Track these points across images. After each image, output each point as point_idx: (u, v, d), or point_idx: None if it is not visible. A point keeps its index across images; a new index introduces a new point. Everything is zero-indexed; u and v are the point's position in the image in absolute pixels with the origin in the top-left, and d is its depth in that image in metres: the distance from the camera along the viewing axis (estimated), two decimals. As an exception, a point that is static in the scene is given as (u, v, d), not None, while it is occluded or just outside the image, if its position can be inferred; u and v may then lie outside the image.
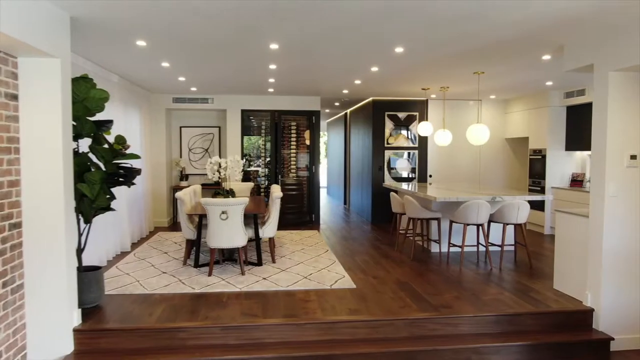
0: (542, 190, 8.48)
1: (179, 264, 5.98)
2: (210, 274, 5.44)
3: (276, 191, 6.37)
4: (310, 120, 9.51)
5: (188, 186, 9.16)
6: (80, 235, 4.31)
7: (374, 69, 6.20)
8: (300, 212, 10.22)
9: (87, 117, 4.23)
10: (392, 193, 7.18)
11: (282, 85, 7.79)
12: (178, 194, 5.88)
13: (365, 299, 4.66)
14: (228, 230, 5.37)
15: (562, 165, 8.37)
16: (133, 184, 4.47)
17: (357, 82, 7.34)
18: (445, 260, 6.28)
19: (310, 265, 5.97)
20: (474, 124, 6.49)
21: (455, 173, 9.68)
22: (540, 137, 8.53)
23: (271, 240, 6.16)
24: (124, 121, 7.03)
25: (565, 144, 8.35)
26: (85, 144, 4.58)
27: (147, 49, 5.13)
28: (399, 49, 5.07)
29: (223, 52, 5.26)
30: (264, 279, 5.32)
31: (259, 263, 5.90)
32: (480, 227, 6.08)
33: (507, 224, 6.03)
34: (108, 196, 4.32)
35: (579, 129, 8.02)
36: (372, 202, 9.56)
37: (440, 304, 4.53)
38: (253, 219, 5.92)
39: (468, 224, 5.91)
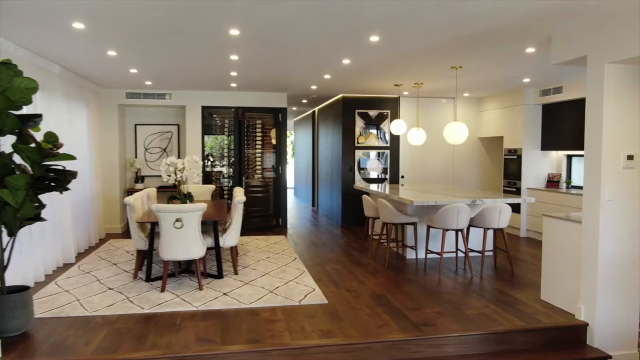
0: (517, 192, 8.19)
1: (129, 278, 5.32)
2: (163, 290, 4.81)
3: (239, 195, 5.79)
4: (277, 118, 8.94)
5: (144, 189, 8.45)
6: (2, 250, 3.63)
7: (346, 61, 5.70)
8: (266, 216, 9.64)
9: (10, 111, 3.55)
10: (364, 196, 6.70)
11: (246, 80, 7.20)
12: (127, 199, 5.22)
13: (338, 317, 4.15)
14: (183, 239, 4.76)
15: (537, 165, 8.10)
16: (67, 189, 3.81)
17: (327, 76, 6.82)
18: (423, 268, 5.85)
19: (276, 276, 5.42)
20: (451, 122, 6.09)
21: (427, 174, 9.31)
22: (515, 136, 8.24)
23: (233, 249, 5.58)
24: (69, 117, 6.30)
25: (540, 144, 8.08)
26: (9, 142, 3.89)
27: (87, 34, 4.46)
28: (374, 38, 4.58)
29: (176, 38, 4.65)
30: (225, 294, 4.73)
31: (220, 275, 5.30)
32: (460, 233, 5.67)
33: (488, 229, 5.64)
34: (36, 204, 3.66)
35: (554, 128, 7.76)
36: (342, 205, 9.08)
37: (422, 321, 4.07)
38: (213, 226, 5.32)
39: (447, 230, 5.49)
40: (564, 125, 7.54)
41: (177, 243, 4.75)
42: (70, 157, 3.72)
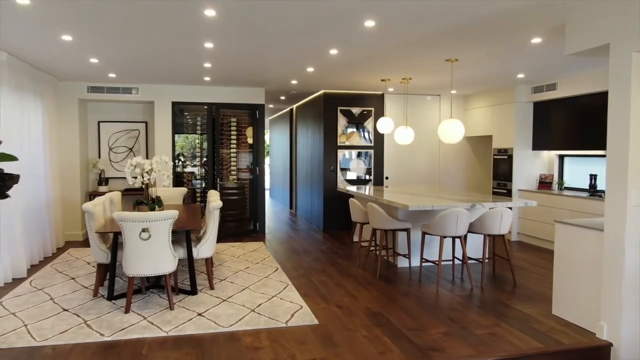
0: (508, 193, 7.82)
1: (88, 295, 4.65)
2: (127, 310, 4.17)
3: (214, 199, 5.18)
4: (254, 115, 8.33)
5: (108, 192, 7.72)
6: None
7: (333, 51, 5.16)
8: (242, 220, 9.03)
9: None
10: (352, 199, 6.18)
11: (221, 73, 6.58)
12: (85, 206, 4.54)
13: (332, 341, 3.61)
14: (151, 252, 4.13)
15: (528, 166, 7.74)
16: (5, 196, 3.15)
17: (310, 69, 6.27)
18: (417, 278, 5.37)
19: (257, 291, 4.83)
20: (446, 120, 5.62)
21: (412, 175, 8.86)
22: (505, 135, 7.86)
23: (208, 260, 4.96)
24: (20, 113, 5.57)
25: (532, 143, 7.73)
26: None
27: (32, 11, 3.79)
28: (369, 22, 4.06)
29: (142, 21, 4.02)
30: (200, 315, 4.12)
31: (193, 291, 4.69)
32: (459, 240, 5.21)
33: (488, 235, 5.20)
34: (-34, 215, 2.98)
35: (546, 127, 7.42)
36: (323, 208, 8.54)
37: (428, 344, 3.56)
38: (185, 235, 4.70)
39: (445, 237, 5.02)
40: (556, 124, 7.19)
41: (144, 256, 4.12)
42: (10, 158, 3.05)
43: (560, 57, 5.36)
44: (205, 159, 8.70)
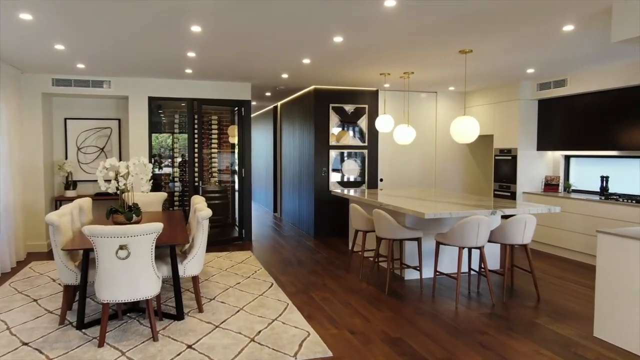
0: (512, 196, 7.37)
1: (54, 323, 3.93)
2: (101, 344, 3.48)
3: (201, 207, 4.51)
4: (239, 112, 7.65)
5: (77, 197, 6.94)
6: None
7: (338, 39, 4.56)
8: (226, 226, 8.39)
9: None
10: (353, 205, 5.59)
11: (206, 64, 5.90)
12: (49, 217, 3.80)
13: (354, 380, 3.01)
14: (130, 273, 3.45)
15: (533, 167, 7.31)
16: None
17: (306, 61, 5.66)
18: (430, 293, 4.82)
19: (254, 313, 4.19)
20: (460, 117, 5.10)
21: (407, 177, 8.34)
22: (509, 134, 7.41)
23: (196, 278, 4.29)
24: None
25: (536, 143, 7.30)
26: None
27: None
28: (389, 2, 3.48)
29: (119, -5, 3.34)
30: (190, 347, 3.46)
31: (180, 316, 4.01)
32: (479, 250, 4.67)
33: (510, 245, 4.69)
34: None
35: (552, 125, 7.00)
36: (315, 212, 7.93)
37: (467, 381, 3.00)
38: (170, 250, 4.02)
39: (464, 247, 4.48)
40: (564, 122, 6.78)
41: (121, 278, 3.43)
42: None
43: (587, 47, 4.89)
44: (179, 159, 8.00)
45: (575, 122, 6.61)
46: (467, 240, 4.42)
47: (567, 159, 7.22)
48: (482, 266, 5.03)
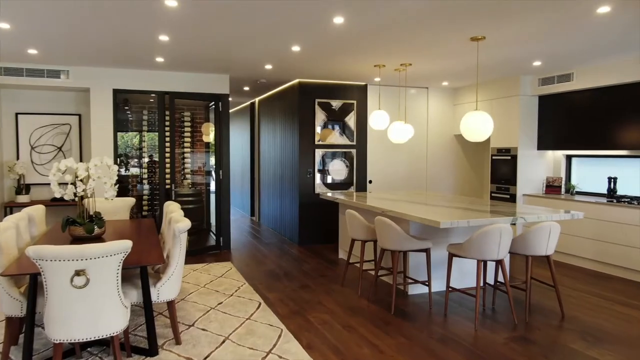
0: (511, 198, 6.90)
1: (-7, 364, 3.16)
2: (53, 394, 2.74)
3: (178, 217, 3.81)
4: (216, 107, 6.90)
5: (30, 202, 6.09)
6: None
7: (338, 20, 3.93)
8: (201, 233, 7.65)
9: None
10: (350, 211, 4.96)
11: (180, 52, 5.17)
12: (-14, 233, 3.04)
13: None
14: (89, 305, 2.72)
15: (534, 167, 6.86)
16: None
17: (296, 48, 5.00)
18: (441, 311, 4.25)
19: (244, 343, 3.51)
20: (470, 112, 4.54)
21: (397, 178, 7.78)
22: (507, 133, 6.93)
23: (172, 303, 3.57)
24: None
25: (537, 142, 6.85)
26: None
27: None
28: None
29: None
30: (167, 396, 2.76)
31: (153, 351, 3.29)
32: (499, 263, 4.12)
33: (532, 256, 4.15)
34: None
35: (554, 123, 6.55)
36: (299, 218, 7.26)
37: None
38: (140, 271, 3.30)
39: (483, 260, 3.92)
40: (568, 120, 6.34)
41: (78, 312, 2.70)
42: None
43: (615, 33, 4.40)
44: (147, 159, 7.22)
45: (579, 120, 6.17)
46: (487, 253, 3.86)
47: (569, 159, 6.79)
48: (500, 280, 4.49)
